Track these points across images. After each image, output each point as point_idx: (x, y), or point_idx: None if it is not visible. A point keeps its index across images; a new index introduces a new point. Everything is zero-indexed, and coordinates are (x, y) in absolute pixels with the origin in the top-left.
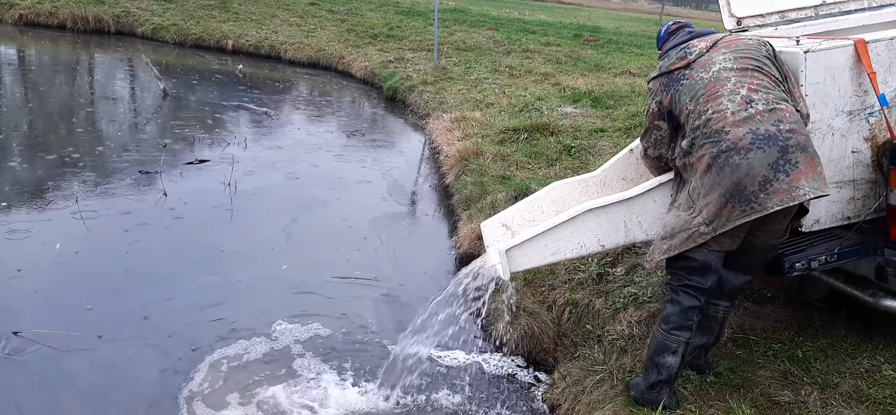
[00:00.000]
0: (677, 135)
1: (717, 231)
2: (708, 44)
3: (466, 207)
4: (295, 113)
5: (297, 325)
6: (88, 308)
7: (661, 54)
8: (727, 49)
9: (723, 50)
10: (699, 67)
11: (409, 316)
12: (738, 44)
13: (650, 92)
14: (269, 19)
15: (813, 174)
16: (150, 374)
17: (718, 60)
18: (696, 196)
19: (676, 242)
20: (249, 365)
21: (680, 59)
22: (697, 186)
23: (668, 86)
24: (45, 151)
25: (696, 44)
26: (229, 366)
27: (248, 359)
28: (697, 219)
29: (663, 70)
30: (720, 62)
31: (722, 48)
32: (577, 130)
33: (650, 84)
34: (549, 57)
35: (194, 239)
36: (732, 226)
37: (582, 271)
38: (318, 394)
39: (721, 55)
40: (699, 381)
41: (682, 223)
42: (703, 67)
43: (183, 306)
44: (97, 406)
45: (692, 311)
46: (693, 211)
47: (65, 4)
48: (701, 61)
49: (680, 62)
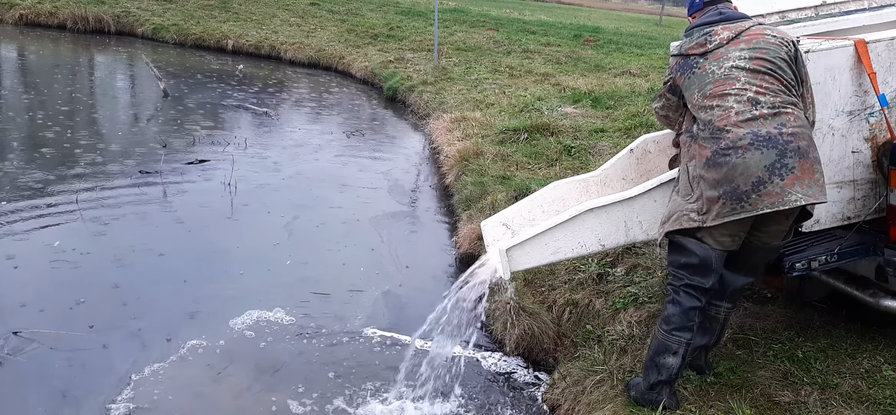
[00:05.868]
0: (687, 109)
1: (707, 223)
2: (731, 34)
3: (466, 207)
4: (295, 113)
5: (297, 323)
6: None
7: (688, 27)
8: (746, 45)
9: (741, 45)
10: (713, 59)
11: (408, 315)
12: (759, 41)
13: (669, 65)
14: (270, 19)
15: (809, 180)
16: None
17: (733, 56)
18: (695, 184)
19: (669, 223)
20: (249, 364)
21: (700, 44)
22: (698, 176)
23: (682, 68)
24: (45, 151)
25: (719, 32)
26: (229, 364)
27: (247, 358)
28: (691, 205)
29: (683, 50)
30: (734, 59)
31: (741, 43)
32: (577, 131)
33: (670, 58)
34: (549, 57)
35: (195, 238)
36: (722, 221)
37: (582, 271)
38: (318, 393)
39: (737, 51)
40: (699, 381)
41: (677, 206)
42: (717, 61)
43: (183, 305)
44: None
45: (693, 312)
46: (690, 197)
47: (65, 4)
48: (716, 53)
49: (698, 48)
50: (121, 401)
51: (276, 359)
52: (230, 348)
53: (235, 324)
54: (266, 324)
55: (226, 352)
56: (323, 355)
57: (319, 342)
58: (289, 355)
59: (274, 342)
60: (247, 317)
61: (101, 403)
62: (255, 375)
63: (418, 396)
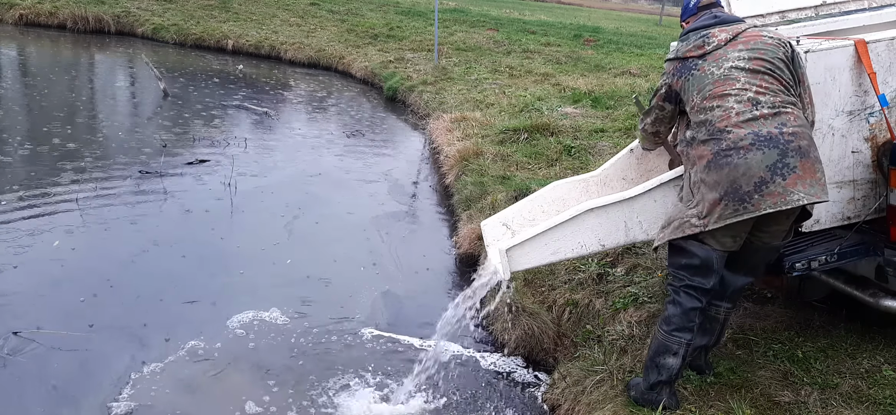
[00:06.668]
0: (681, 117)
1: (708, 226)
2: (728, 36)
3: (466, 207)
4: (295, 113)
5: (296, 323)
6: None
7: (683, 32)
8: (744, 46)
9: (740, 46)
10: (712, 61)
11: (408, 315)
12: (757, 42)
13: (664, 72)
14: (270, 19)
15: (811, 180)
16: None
17: (732, 57)
18: (696, 189)
19: (669, 230)
20: (248, 363)
21: (697, 47)
22: (698, 181)
23: (681, 71)
24: (45, 151)
25: (717, 34)
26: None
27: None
28: (692, 211)
29: (679, 54)
30: (733, 60)
31: (739, 44)
32: (577, 131)
33: (665, 64)
34: (549, 57)
35: (194, 237)
36: (723, 223)
37: (582, 271)
38: (318, 392)
39: (736, 52)
40: (699, 381)
41: (678, 212)
42: (716, 62)
43: (183, 305)
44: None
45: (694, 312)
46: (691, 203)
47: (65, 4)
48: (715, 55)
49: (696, 51)
50: (120, 400)
51: (275, 358)
52: (230, 348)
53: (235, 323)
54: (265, 324)
55: (225, 351)
56: (323, 354)
57: (319, 342)
58: (288, 354)
59: (273, 342)
60: (246, 317)
61: (100, 402)
62: (254, 374)
63: (418, 395)
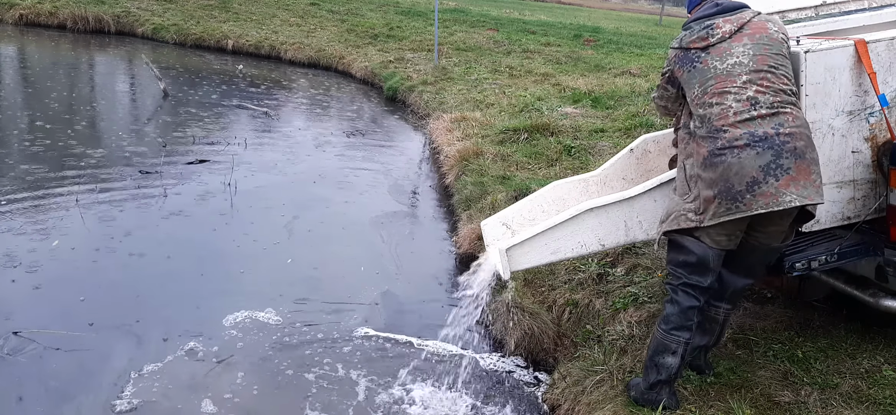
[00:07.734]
0: (686, 102)
1: (703, 223)
2: (733, 27)
3: (466, 206)
4: (295, 113)
5: (296, 322)
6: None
7: (687, 21)
8: (750, 40)
9: (745, 39)
10: (715, 54)
11: (408, 315)
12: (762, 36)
13: (667, 58)
14: (270, 19)
15: (805, 181)
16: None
17: (736, 52)
18: (692, 183)
19: (667, 223)
20: (248, 363)
21: (701, 38)
22: (695, 175)
23: (683, 61)
24: (45, 151)
25: (721, 25)
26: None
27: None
28: (688, 205)
29: (683, 44)
30: (737, 55)
31: (744, 37)
32: (577, 131)
33: (670, 50)
34: (549, 57)
35: (194, 237)
36: (717, 222)
37: (582, 271)
38: (318, 391)
39: (741, 46)
40: (699, 381)
41: (675, 206)
42: (720, 56)
43: (183, 304)
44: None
45: (692, 311)
46: (687, 196)
47: (65, 4)
48: (719, 48)
49: (700, 42)
50: (120, 400)
51: (274, 358)
52: (229, 347)
53: (234, 323)
54: (265, 323)
55: (225, 351)
56: (322, 353)
57: (319, 341)
58: (288, 354)
59: (273, 342)
60: (246, 316)
61: (100, 402)
62: (254, 374)
63: (418, 395)
